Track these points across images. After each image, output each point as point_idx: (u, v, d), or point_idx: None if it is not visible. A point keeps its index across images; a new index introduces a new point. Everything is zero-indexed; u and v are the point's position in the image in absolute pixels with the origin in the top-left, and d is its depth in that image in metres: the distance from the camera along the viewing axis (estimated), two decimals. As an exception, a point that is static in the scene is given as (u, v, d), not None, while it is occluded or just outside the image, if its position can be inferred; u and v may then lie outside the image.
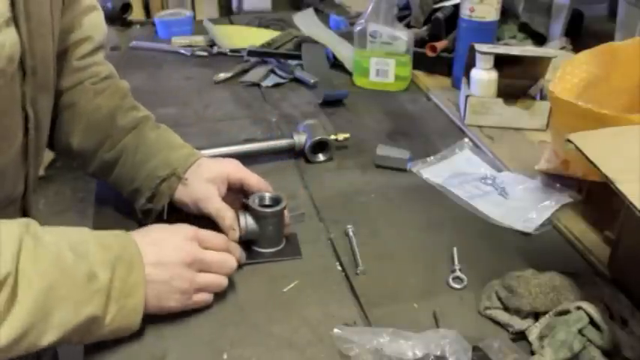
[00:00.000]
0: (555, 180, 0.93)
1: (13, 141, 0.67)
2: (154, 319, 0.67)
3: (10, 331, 0.54)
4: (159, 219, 0.81)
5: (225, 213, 0.78)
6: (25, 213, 0.77)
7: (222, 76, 1.34)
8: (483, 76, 1.10)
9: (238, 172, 0.83)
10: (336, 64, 1.38)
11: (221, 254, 0.71)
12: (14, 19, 0.60)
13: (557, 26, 1.39)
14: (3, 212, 0.69)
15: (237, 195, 0.84)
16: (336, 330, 0.64)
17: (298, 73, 1.32)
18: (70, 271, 0.59)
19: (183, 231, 0.70)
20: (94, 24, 0.85)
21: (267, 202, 0.80)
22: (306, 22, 1.54)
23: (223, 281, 0.71)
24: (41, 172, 0.77)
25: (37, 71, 0.69)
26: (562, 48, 1.34)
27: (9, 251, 0.55)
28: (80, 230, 0.64)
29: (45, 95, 0.74)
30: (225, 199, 0.81)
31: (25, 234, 0.58)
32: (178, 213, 0.82)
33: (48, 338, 0.57)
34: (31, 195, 0.76)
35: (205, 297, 0.70)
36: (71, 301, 0.58)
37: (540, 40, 1.40)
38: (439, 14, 1.34)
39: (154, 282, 0.65)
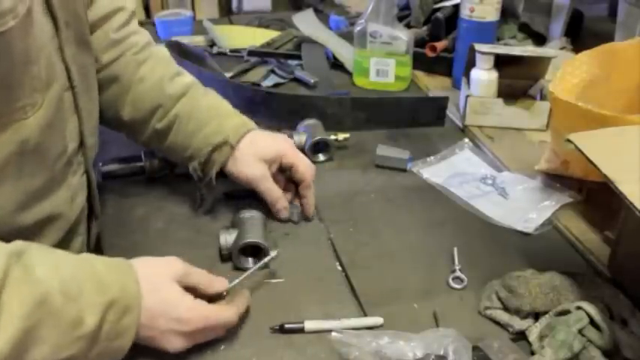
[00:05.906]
0: (555, 180, 0.93)
1: (44, 94, 0.63)
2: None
3: None
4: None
5: (276, 195, 0.84)
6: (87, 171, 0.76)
7: (223, 76, 1.34)
8: (483, 76, 1.10)
9: (292, 155, 0.85)
10: (336, 64, 1.38)
11: (217, 316, 0.64)
12: None
13: (557, 26, 1.39)
14: (67, 168, 0.70)
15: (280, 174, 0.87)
16: (334, 334, 0.63)
17: (298, 73, 1.31)
18: (56, 314, 0.54)
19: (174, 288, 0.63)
20: None
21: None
22: (306, 22, 1.54)
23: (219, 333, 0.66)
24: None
25: (71, 24, 0.68)
26: (562, 48, 1.34)
27: None
28: (81, 261, 0.60)
29: (86, 52, 0.74)
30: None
31: (15, 264, 0.53)
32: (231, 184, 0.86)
33: None
34: (88, 151, 0.75)
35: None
36: (51, 344, 0.54)
37: (540, 40, 1.40)
38: (439, 14, 1.34)
39: (145, 337, 0.61)
